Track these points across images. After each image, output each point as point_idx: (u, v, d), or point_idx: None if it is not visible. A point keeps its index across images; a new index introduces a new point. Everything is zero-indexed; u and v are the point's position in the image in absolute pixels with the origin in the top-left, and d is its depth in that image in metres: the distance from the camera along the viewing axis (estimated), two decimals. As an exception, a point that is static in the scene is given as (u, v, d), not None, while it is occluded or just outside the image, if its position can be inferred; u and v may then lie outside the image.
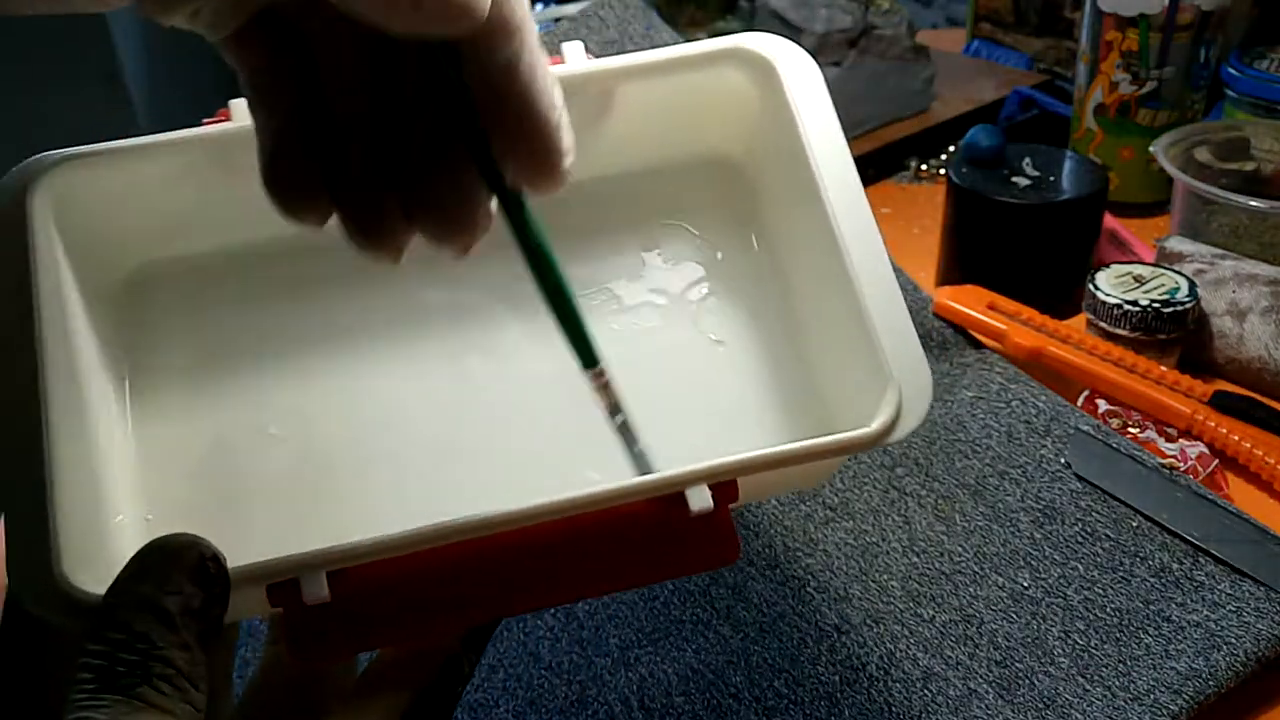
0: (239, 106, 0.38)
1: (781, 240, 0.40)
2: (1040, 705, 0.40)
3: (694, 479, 0.31)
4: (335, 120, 0.31)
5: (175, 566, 0.27)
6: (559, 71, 0.36)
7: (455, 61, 0.29)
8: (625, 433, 0.34)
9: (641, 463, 0.34)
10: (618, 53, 0.64)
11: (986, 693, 0.41)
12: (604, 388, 0.34)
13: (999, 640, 0.43)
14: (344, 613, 0.30)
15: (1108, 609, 0.44)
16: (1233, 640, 0.42)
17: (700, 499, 0.31)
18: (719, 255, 0.41)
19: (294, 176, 0.31)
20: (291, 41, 0.31)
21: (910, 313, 0.61)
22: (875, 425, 0.32)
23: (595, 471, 0.37)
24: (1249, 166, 0.70)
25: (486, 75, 0.29)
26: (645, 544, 0.32)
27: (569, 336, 0.33)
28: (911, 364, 0.33)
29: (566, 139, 0.30)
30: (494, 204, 0.32)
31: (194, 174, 0.38)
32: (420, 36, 0.28)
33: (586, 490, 0.30)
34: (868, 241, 0.35)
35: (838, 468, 0.42)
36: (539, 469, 0.37)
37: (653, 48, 0.67)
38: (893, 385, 0.32)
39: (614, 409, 0.34)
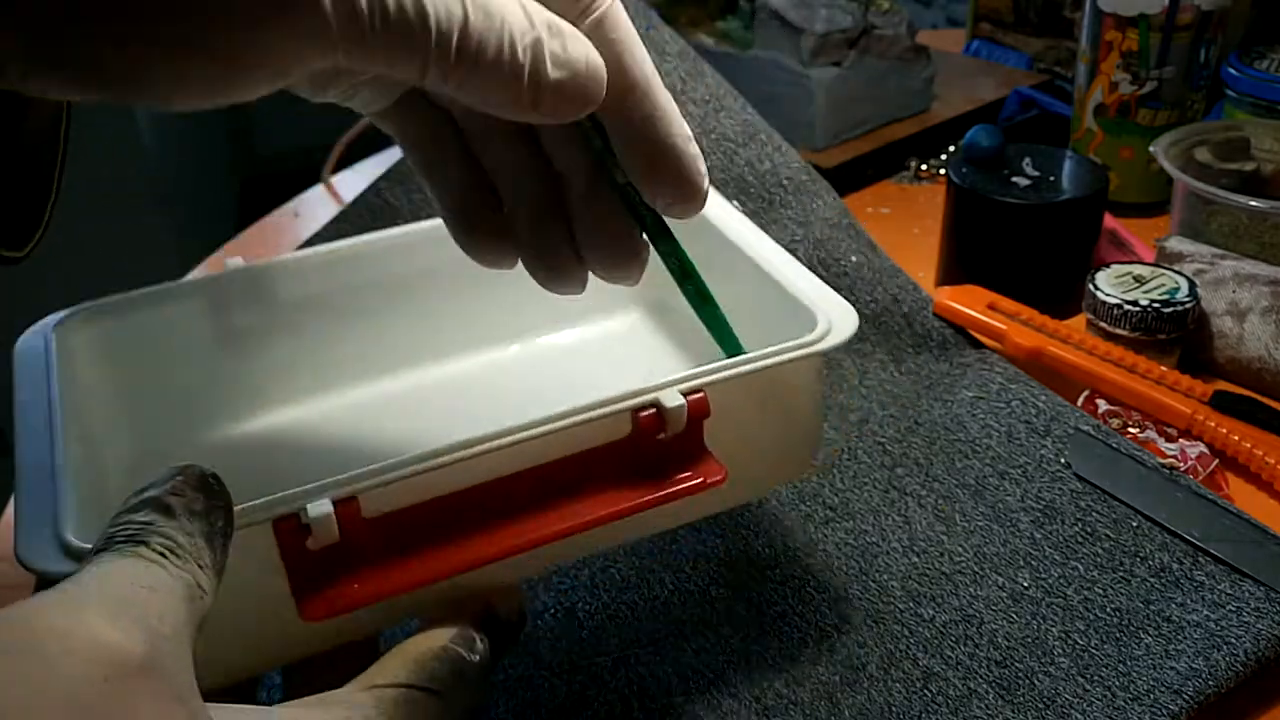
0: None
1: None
2: (1040, 705, 0.40)
3: (662, 387, 0.35)
4: (500, 179, 0.37)
5: (176, 474, 0.28)
6: None
7: (597, 129, 0.34)
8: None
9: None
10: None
11: (986, 693, 0.41)
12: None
13: (999, 640, 0.43)
14: (349, 554, 0.32)
15: (1108, 609, 0.44)
16: (1233, 640, 0.42)
17: (673, 399, 0.35)
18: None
19: (481, 235, 0.37)
20: (445, 115, 0.37)
21: (910, 313, 0.62)
22: (814, 334, 0.38)
23: None
24: (1249, 166, 0.70)
25: (626, 133, 0.33)
26: (629, 464, 0.36)
27: (716, 335, 0.39)
28: (824, 294, 0.41)
29: (702, 165, 0.35)
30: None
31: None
32: (550, 123, 0.33)
33: (561, 410, 0.34)
34: (751, 232, 0.46)
35: (794, 472, 0.44)
36: None
37: (652, 47, 0.68)
38: (817, 310, 0.40)
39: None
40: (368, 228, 0.61)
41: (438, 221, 0.47)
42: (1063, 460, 0.51)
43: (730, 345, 0.39)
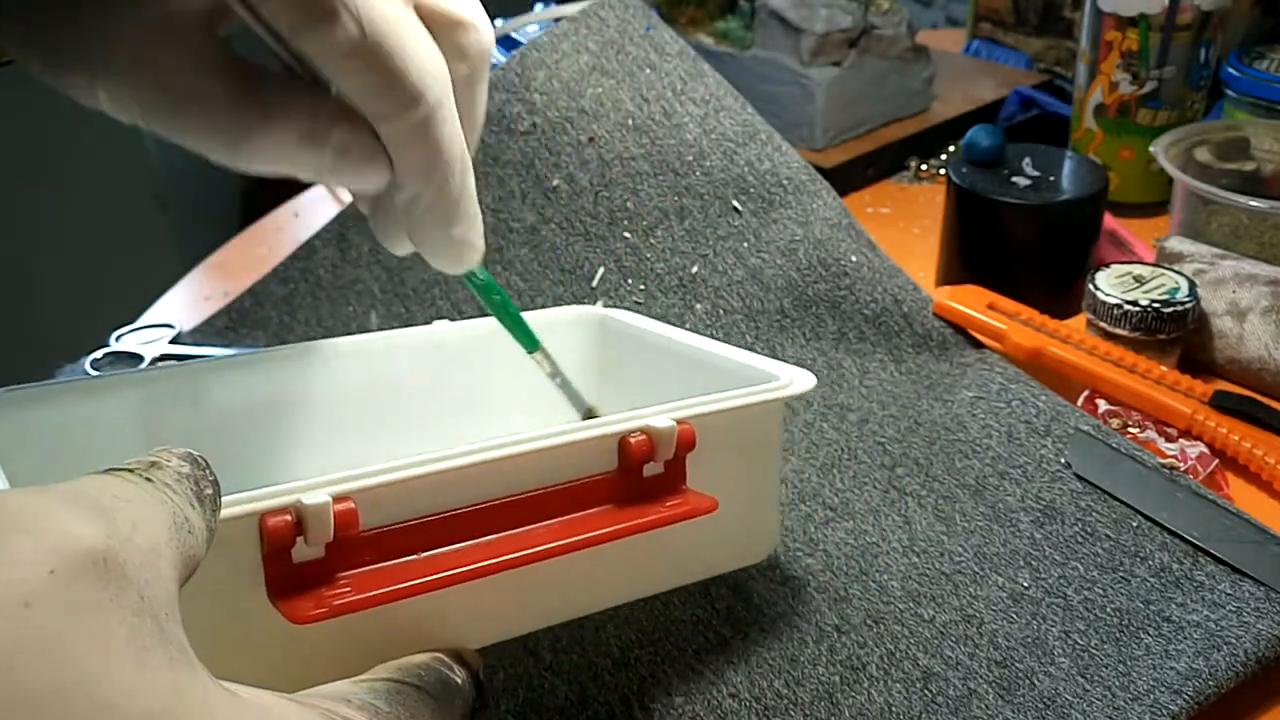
0: None
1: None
2: (1040, 705, 0.40)
3: (649, 416, 0.36)
4: None
5: (162, 450, 0.26)
6: None
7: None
8: (571, 396, 0.44)
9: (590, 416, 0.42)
10: (618, 53, 0.64)
11: (986, 693, 0.41)
12: (546, 360, 0.43)
13: (999, 640, 0.43)
14: (332, 561, 0.31)
15: (1108, 609, 0.44)
16: (1233, 640, 0.42)
17: (663, 422, 0.35)
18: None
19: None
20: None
21: (910, 313, 0.62)
22: (782, 380, 0.39)
23: None
24: (1249, 166, 0.70)
25: (414, 206, 0.36)
26: (617, 493, 0.36)
27: (512, 329, 0.42)
28: (772, 363, 0.42)
29: (479, 240, 0.37)
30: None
31: None
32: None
33: (552, 430, 0.34)
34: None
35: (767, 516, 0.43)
36: None
37: (652, 47, 0.68)
38: (781, 371, 0.40)
39: (561, 383, 0.43)
40: (367, 228, 0.61)
41: (377, 334, 0.48)
42: (1063, 460, 0.51)
43: (525, 336, 0.42)
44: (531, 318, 0.44)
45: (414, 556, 0.32)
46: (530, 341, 0.43)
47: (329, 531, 0.30)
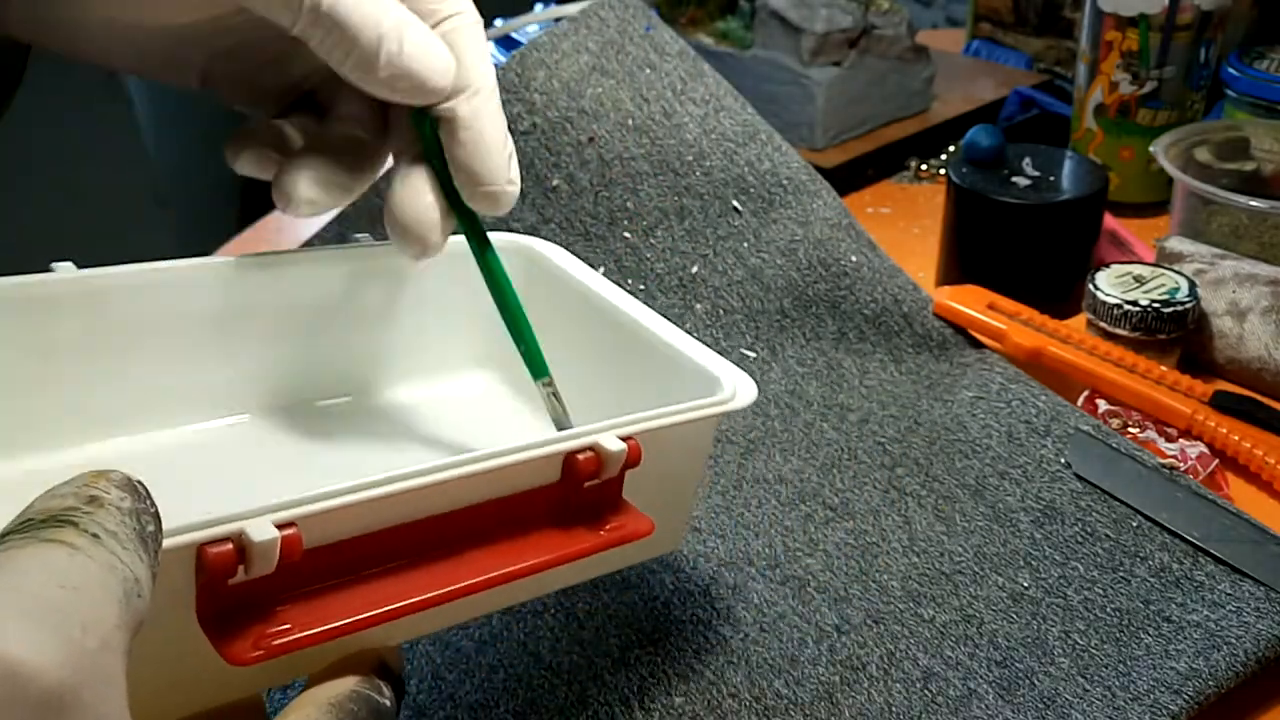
0: None
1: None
2: (1040, 705, 0.40)
3: (598, 431, 0.35)
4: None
5: (98, 475, 0.24)
6: None
7: (427, 117, 0.38)
8: (555, 406, 0.41)
9: None
10: (618, 53, 0.64)
11: (986, 693, 0.41)
12: (553, 396, 0.40)
13: (999, 640, 0.43)
14: (270, 591, 0.29)
15: (1108, 609, 0.44)
16: (1233, 640, 0.42)
17: (613, 443, 0.34)
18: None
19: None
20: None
21: (910, 313, 0.62)
22: (723, 394, 0.38)
23: None
24: (1249, 166, 0.70)
25: (456, 127, 0.38)
26: (557, 510, 0.35)
27: (522, 349, 0.40)
28: (720, 363, 0.40)
29: (513, 170, 0.39)
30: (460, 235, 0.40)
31: None
32: (398, 101, 0.37)
33: (492, 450, 0.33)
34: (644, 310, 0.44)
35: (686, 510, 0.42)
36: None
37: (652, 47, 0.68)
38: (722, 372, 0.39)
39: (560, 421, 0.40)
40: (366, 229, 0.61)
41: (285, 253, 0.45)
42: (1063, 460, 0.51)
43: (537, 366, 0.40)
44: (456, 240, 0.41)
45: (353, 578, 0.31)
46: (538, 369, 0.40)
47: (272, 564, 0.28)
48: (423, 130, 0.39)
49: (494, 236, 0.47)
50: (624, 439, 0.35)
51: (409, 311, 0.48)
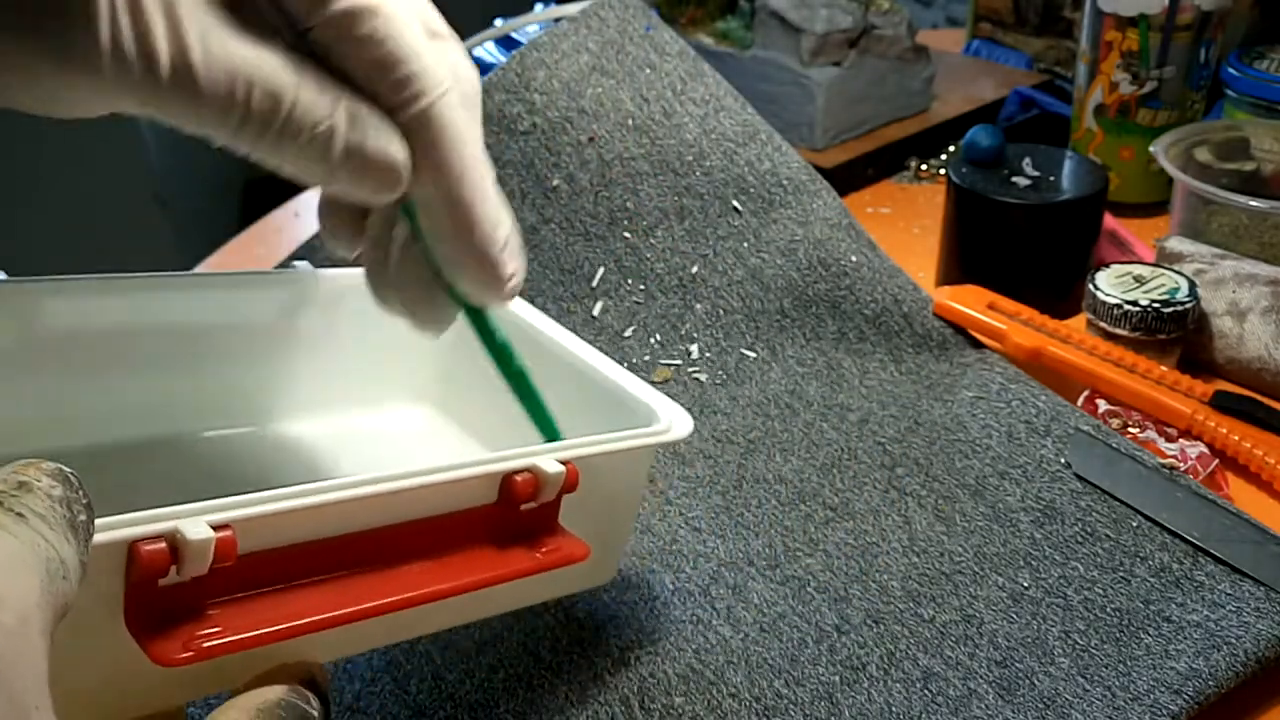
0: None
1: None
2: (1040, 705, 0.40)
3: (537, 454, 0.35)
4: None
5: (28, 464, 0.24)
6: None
7: (407, 208, 0.35)
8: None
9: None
10: (618, 53, 0.64)
11: (986, 693, 0.41)
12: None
13: (999, 640, 0.43)
14: (200, 594, 0.28)
15: (1108, 609, 0.44)
16: (1233, 640, 0.42)
17: (551, 465, 0.34)
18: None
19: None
20: None
21: (910, 313, 0.62)
22: (660, 425, 0.38)
23: None
24: (1249, 166, 0.70)
25: (432, 215, 0.34)
26: (493, 531, 0.35)
27: (534, 418, 0.39)
28: (660, 400, 0.40)
29: (511, 262, 0.35)
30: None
31: None
32: (354, 199, 0.34)
33: (432, 466, 0.33)
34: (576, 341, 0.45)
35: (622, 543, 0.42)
36: None
37: (652, 47, 0.68)
38: (659, 406, 0.39)
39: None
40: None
41: (235, 274, 0.45)
42: (1063, 460, 0.51)
43: (549, 433, 0.39)
44: None
45: (285, 587, 0.30)
46: (550, 432, 0.39)
47: (206, 564, 0.28)
48: (406, 218, 0.35)
49: None
50: (562, 462, 0.35)
51: (350, 341, 0.48)
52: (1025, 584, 0.46)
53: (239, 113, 0.29)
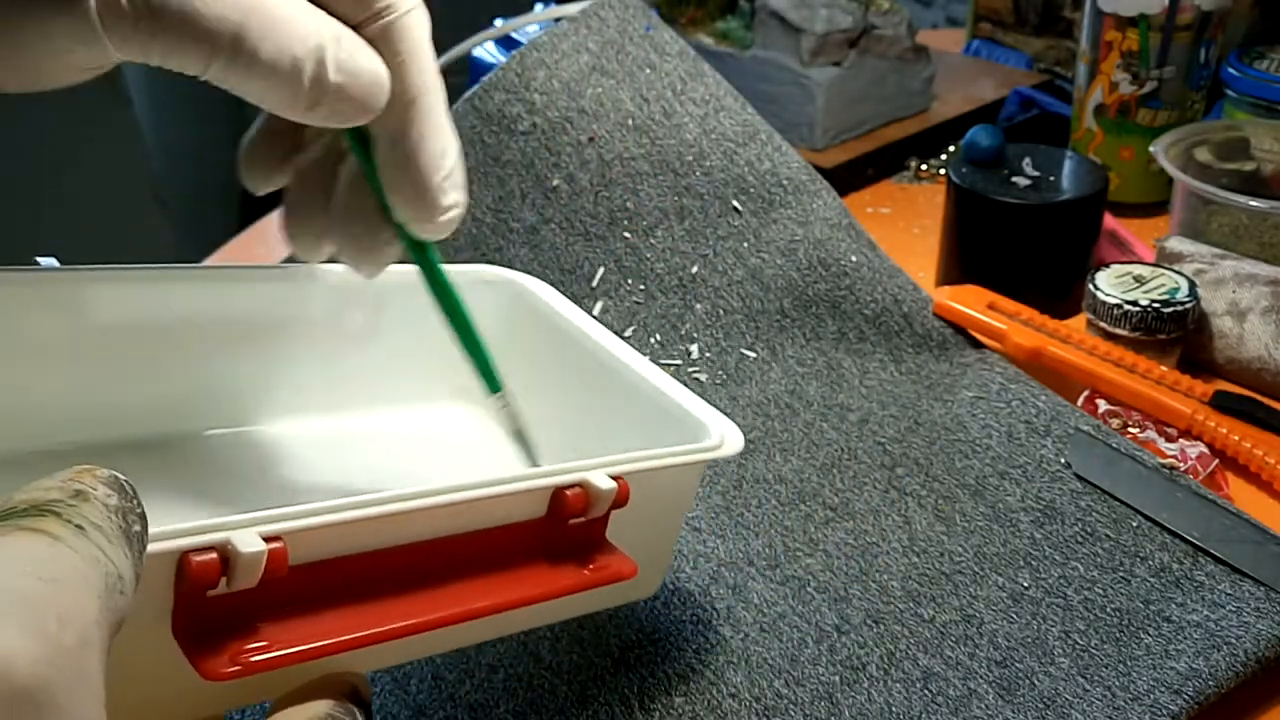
0: None
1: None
2: (1040, 705, 0.40)
3: (588, 468, 0.34)
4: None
5: (84, 470, 0.23)
6: None
7: (358, 136, 0.35)
8: (529, 452, 0.40)
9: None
10: (618, 53, 0.64)
11: (986, 693, 0.41)
12: (505, 408, 0.39)
13: (999, 640, 0.43)
14: (252, 607, 0.28)
15: (1108, 609, 0.44)
16: (1233, 640, 0.42)
17: (603, 480, 0.34)
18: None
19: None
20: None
21: (910, 313, 0.62)
22: (711, 440, 0.37)
23: None
24: (1249, 166, 0.70)
25: (383, 144, 0.34)
26: (540, 546, 0.34)
27: (476, 364, 0.39)
28: (710, 412, 0.39)
29: (452, 193, 0.35)
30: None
31: None
32: (327, 125, 0.33)
33: (482, 480, 0.33)
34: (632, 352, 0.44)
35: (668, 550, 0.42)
36: None
37: (652, 47, 0.68)
38: (709, 419, 0.39)
39: (518, 433, 0.40)
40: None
41: (257, 266, 0.45)
42: (1063, 460, 0.51)
43: (490, 381, 0.39)
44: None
45: (332, 599, 0.30)
46: (492, 383, 0.39)
47: (257, 577, 0.27)
48: (354, 148, 0.35)
49: (481, 270, 0.47)
50: (614, 478, 0.34)
51: (387, 336, 0.47)
52: (1025, 584, 0.46)
53: (231, 36, 0.29)
